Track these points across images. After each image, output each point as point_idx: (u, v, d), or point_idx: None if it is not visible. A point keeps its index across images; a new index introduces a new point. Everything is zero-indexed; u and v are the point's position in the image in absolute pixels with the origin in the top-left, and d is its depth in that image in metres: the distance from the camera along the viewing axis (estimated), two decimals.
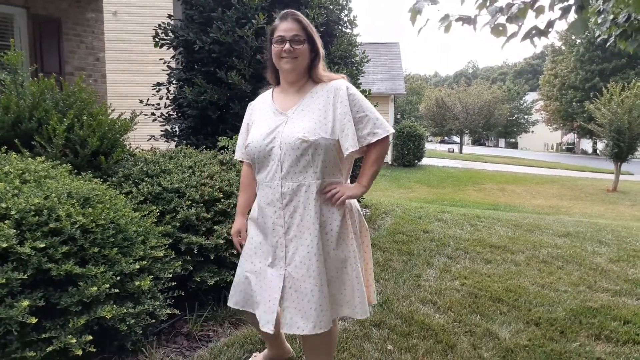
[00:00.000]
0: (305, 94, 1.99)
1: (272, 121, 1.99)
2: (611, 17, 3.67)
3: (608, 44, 3.95)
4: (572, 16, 2.84)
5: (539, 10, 2.83)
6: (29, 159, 2.88)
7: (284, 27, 1.96)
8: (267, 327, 1.94)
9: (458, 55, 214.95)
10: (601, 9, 3.60)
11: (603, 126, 14.88)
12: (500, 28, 2.77)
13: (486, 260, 4.70)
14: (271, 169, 1.95)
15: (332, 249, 1.93)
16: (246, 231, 2.18)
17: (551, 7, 2.86)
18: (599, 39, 4.13)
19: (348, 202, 1.99)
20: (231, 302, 2.13)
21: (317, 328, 1.88)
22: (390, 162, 19.49)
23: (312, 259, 1.89)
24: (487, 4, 2.82)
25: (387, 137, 1.93)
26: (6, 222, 2.10)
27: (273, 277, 1.96)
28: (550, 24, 2.89)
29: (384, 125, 1.92)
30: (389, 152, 19.04)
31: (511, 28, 2.79)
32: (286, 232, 1.94)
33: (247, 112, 2.18)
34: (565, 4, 2.85)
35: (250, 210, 2.18)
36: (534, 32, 2.88)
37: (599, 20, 3.72)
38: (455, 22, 2.80)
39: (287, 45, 1.93)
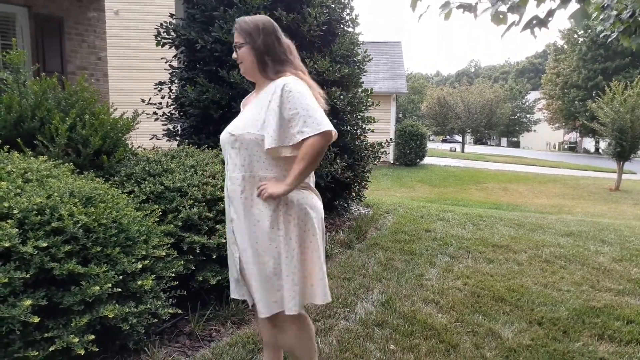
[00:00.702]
0: (260, 93, 2.06)
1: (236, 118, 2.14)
2: (615, 12, 3.65)
3: (609, 39, 3.94)
4: (573, 6, 2.82)
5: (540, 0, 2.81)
6: (32, 158, 2.88)
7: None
8: (232, 294, 2.15)
9: (460, 54, 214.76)
10: (605, 5, 3.58)
11: (605, 125, 14.83)
12: (501, 16, 2.76)
13: (488, 259, 4.69)
14: (226, 161, 2.11)
15: (264, 242, 1.96)
16: None
17: None
18: (601, 35, 4.11)
19: (289, 200, 1.97)
20: None
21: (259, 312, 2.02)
22: (392, 162, 19.47)
23: (245, 249, 2.00)
24: None
25: (317, 136, 1.85)
26: (9, 221, 2.10)
27: (235, 258, 2.08)
28: (550, 13, 2.88)
29: (315, 123, 1.85)
30: (391, 151, 19.02)
31: (512, 17, 2.78)
32: (232, 220, 2.06)
33: None
34: None
35: None
36: (534, 22, 2.87)
37: (602, 16, 3.71)
38: (456, 9, 2.79)
39: (234, 54, 2.08)
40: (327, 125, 1.86)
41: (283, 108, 1.89)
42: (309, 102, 1.90)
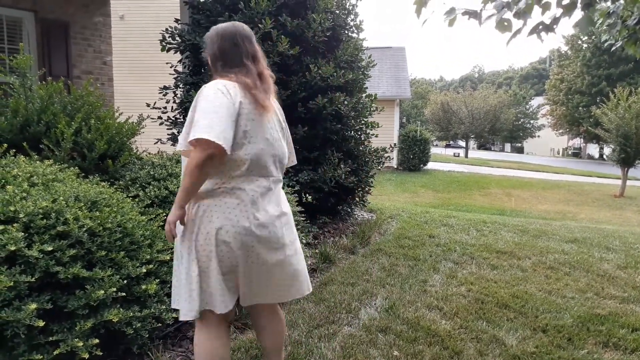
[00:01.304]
0: None
1: None
2: (620, 20, 3.65)
3: (613, 48, 3.93)
4: (578, 14, 2.84)
5: (545, 7, 2.82)
6: (37, 162, 2.89)
7: None
8: None
9: (464, 59, 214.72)
10: (611, 11, 3.58)
11: (610, 131, 14.79)
12: (506, 23, 2.76)
13: (492, 266, 4.67)
14: None
15: (177, 247, 2.04)
16: None
17: (559, 4, 2.85)
18: (606, 44, 4.11)
19: (206, 205, 1.90)
20: None
21: None
22: (395, 167, 19.47)
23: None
24: None
25: (198, 142, 1.74)
26: (14, 225, 2.11)
27: None
28: (556, 20, 2.88)
29: (197, 129, 1.76)
30: (394, 156, 19.02)
31: (516, 24, 2.78)
32: None
33: None
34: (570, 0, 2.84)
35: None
36: (540, 27, 2.87)
37: (608, 21, 3.70)
38: (461, 15, 2.80)
39: None
40: (202, 132, 1.74)
41: (193, 112, 1.87)
42: (204, 106, 1.82)
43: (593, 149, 46.87)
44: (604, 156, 30.03)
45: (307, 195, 4.71)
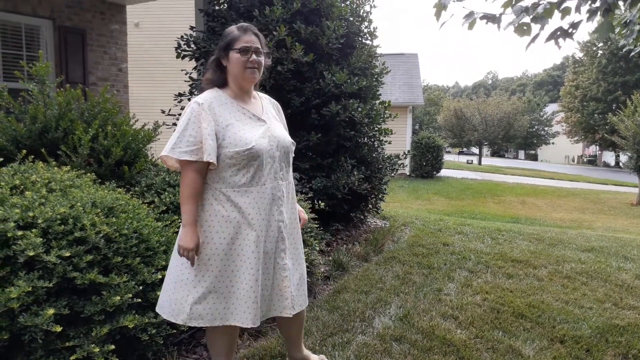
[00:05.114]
0: (256, 101, 2.26)
1: (256, 124, 2.15)
2: (637, 27, 3.61)
3: (633, 53, 3.89)
4: (598, 19, 2.80)
5: (565, 12, 2.79)
6: (55, 168, 2.93)
7: (246, 38, 2.12)
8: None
9: (477, 66, 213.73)
10: (627, 21, 3.55)
11: (626, 138, 14.58)
12: (525, 27, 2.74)
13: (508, 274, 4.61)
14: (271, 169, 2.13)
15: None
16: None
17: (577, 9, 2.82)
18: (624, 50, 4.07)
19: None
20: None
21: None
22: (408, 174, 19.39)
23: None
24: (513, 2, 2.79)
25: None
26: (33, 230, 2.13)
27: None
28: (574, 25, 2.85)
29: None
30: (407, 163, 18.94)
31: (536, 28, 2.76)
32: (286, 226, 2.21)
33: (204, 113, 2.06)
34: (593, 6, 2.81)
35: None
36: (558, 32, 2.84)
37: (625, 32, 3.67)
38: (479, 19, 2.78)
39: (254, 57, 2.11)
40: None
41: None
42: None
43: (609, 157, 46.25)
44: (621, 164, 29.59)
45: (320, 202, 4.72)
